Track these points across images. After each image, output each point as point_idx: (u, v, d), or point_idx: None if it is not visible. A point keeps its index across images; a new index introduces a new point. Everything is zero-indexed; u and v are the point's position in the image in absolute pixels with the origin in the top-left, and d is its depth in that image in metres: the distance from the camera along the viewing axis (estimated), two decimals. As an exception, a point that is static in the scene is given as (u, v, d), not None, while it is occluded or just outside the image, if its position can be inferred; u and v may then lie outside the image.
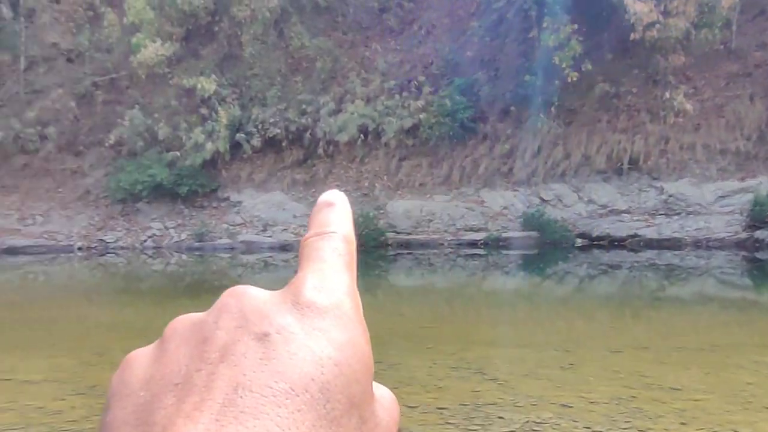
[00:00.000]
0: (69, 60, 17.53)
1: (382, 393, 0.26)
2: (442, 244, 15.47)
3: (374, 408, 0.24)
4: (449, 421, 3.51)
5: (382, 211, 16.02)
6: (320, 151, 16.48)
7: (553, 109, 15.78)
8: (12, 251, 15.96)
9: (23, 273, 14.23)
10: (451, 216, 15.78)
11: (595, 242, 15.00)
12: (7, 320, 8.02)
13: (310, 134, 16.33)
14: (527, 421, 3.47)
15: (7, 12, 17.74)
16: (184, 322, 0.25)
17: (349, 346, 0.23)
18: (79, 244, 16.18)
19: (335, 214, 0.27)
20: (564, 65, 15.29)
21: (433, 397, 3.96)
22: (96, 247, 16.34)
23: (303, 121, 16.33)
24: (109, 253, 16.23)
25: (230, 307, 0.24)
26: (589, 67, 15.37)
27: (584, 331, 6.69)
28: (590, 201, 15.45)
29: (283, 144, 16.50)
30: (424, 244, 15.55)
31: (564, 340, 5.93)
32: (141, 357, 0.25)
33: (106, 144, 16.73)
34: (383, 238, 15.51)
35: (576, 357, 5.02)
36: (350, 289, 0.25)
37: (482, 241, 15.42)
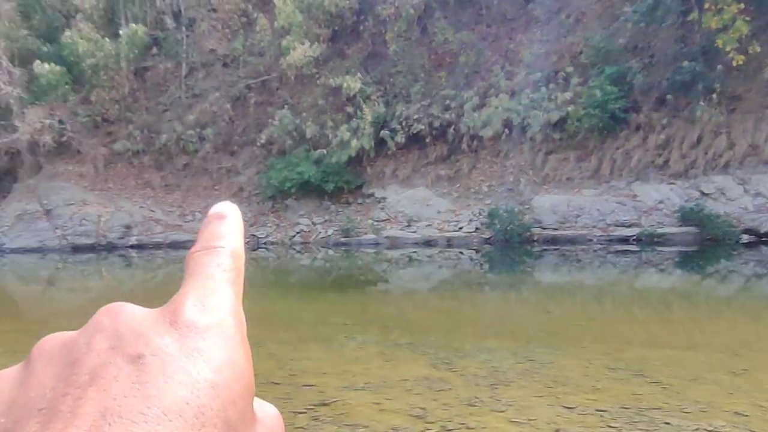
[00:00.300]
0: (225, 65, 23.82)
1: (266, 411, 0.33)
2: (591, 240, 18.59)
3: (255, 429, 0.30)
4: (610, 425, 3.90)
5: (527, 207, 20.24)
6: (464, 146, 21.17)
7: (714, 95, 19.03)
8: (175, 245, 22.13)
9: (182, 267, 20.31)
10: (600, 211, 19.60)
11: (763, 239, 17.21)
12: None
13: (454, 129, 21.09)
14: (697, 429, 3.78)
15: (170, 22, 24.56)
16: (54, 341, 0.30)
17: (227, 367, 0.29)
18: (235, 238, 22.18)
19: (225, 228, 0.34)
20: (728, 48, 18.39)
21: (591, 399, 4.45)
22: (248, 242, 22.10)
23: (447, 116, 21.12)
24: (260, 247, 21.82)
25: (104, 327, 0.29)
26: (757, 49, 18.20)
27: (753, 333, 7.21)
28: (758, 194, 18.33)
29: (427, 140, 21.40)
30: (571, 240, 19.17)
31: (730, 342, 6.50)
32: (4, 379, 0.28)
33: (258, 143, 22.59)
34: (528, 233, 19.48)
35: (748, 362, 5.49)
36: (234, 308, 0.31)
37: (634, 237, 18.53)
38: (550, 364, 5.66)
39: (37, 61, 22.90)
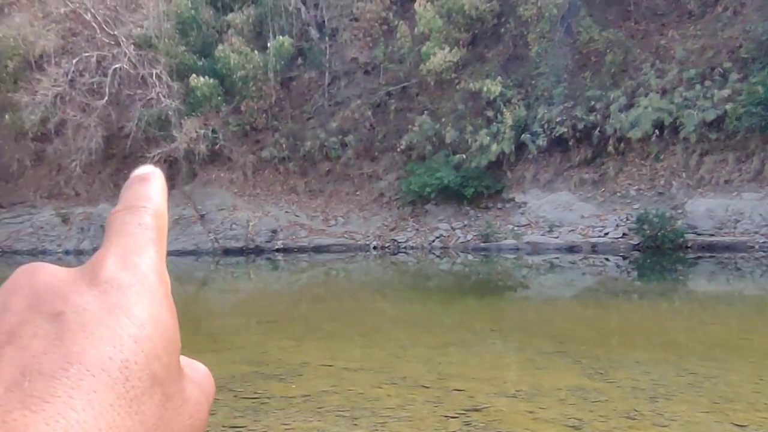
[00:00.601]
0: (366, 72, 26.81)
1: (195, 368, 0.36)
2: (753, 247, 18.92)
3: (182, 384, 0.32)
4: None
5: (680, 211, 21.12)
6: (610, 148, 22.44)
7: None
8: (318, 249, 25.07)
9: (327, 269, 22.52)
10: (763, 216, 20.05)
11: None
12: (317, 312, 12.12)
13: (599, 131, 22.43)
14: None
15: (314, 33, 28.06)
16: None
17: (151, 322, 0.31)
18: (375, 243, 24.76)
19: (147, 189, 0.37)
20: None
21: (765, 417, 4.46)
22: (389, 246, 24.66)
23: (591, 118, 22.53)
24: (400, 252, 24.18)
25: (21, 287, 0.32)
26: None
27: None
28: None
29: (570, 143, 22.89)
30: (729, 247, 19.59)
31: None
32: None
33: (398, 149, 25.20)
34: (681, 239, 20.17)
35: None
36: (156, 265, 0.34)
37: (802, 244, 19.41)
38: (714, 378, 5.73)
39: (193, 75, 26.97)
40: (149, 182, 0.37)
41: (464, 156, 23.72)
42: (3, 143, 30.45)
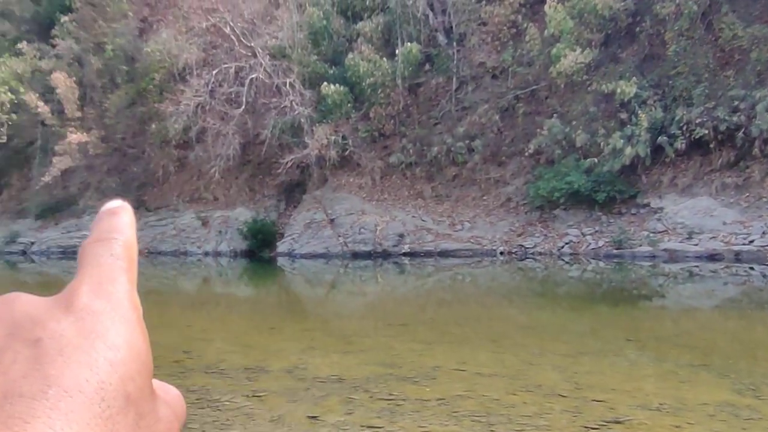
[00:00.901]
0: (494, 76, 26.85)
1: (168, 390, 0.38)
2: None
3: (154, 405, 0.35)
4: None
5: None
6: (755, 151, 21.15)
7: None
8: (444, 254, 25.34)
9: (453, 274, 22.70)
10: None
11: None
12: (444, 316, 12.37)
13: (744, 133, 21.22)
14: None
15: (442, 39, 28.44)
16: None
17: (124, 347, 0.34)
18: (501, 248, 24.68)
19: (117, 222, 0.40)
20: None
21: None
22: (516, 252, 24.50)
23: (735, 119, 21.37)
24: (527, 257, 24.02)
25: (0, 317, 0.34)
26: None
27: None
28: None
29: (711, 145, 21.81)
30: None
31: None
32: None
33: (526, 153, 25.02)
34: None
35: None
36: (128, 292, 0.37)
37: None
38: None
39: (325, 83, 27.97)
40: (119, 216, 0.41)
41: (596, 160, 23.20)
42: (150, 151, 32.82)
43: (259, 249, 28.14)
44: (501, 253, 24.18)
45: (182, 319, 12.52)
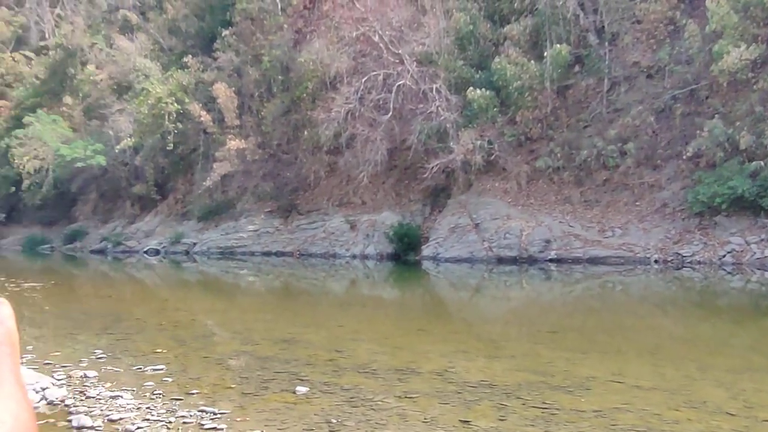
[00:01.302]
0: (649, 76, 25.64)
1: None
2: None
3: None
4: None
5: None
6: None
7: None
8: (594, 261, 24.52)
9: (602, 282, 21.91)
10: None
11: None
12: (593, 325, 11.73)
13: None
14: None
15: (593, 39, 27.60)
16: None
17: (11, 419, 0.42)
18: (655, 256, 23.52)
19: None
20: None
21: None
22: (672, 260, 23.26)
23: None
24: (685, 266, 22.71)
25: None
26: None
27: None
28: None
29: None
30: None
31: None
32: None
33: (684, 156, 23.63)
34: None
35: None
36: (12, 373, 0.45)
37: None
38: None
39: (471, 88, 27.97)
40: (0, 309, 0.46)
41: (762, 163, 21.64)
42: (302, 156, 34.26)
43: (405, 252, 28.58)
44: (655, 261, 23.12)
45: (333, 320, 12.99)
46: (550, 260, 24.67)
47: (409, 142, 29.23)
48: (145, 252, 37.94)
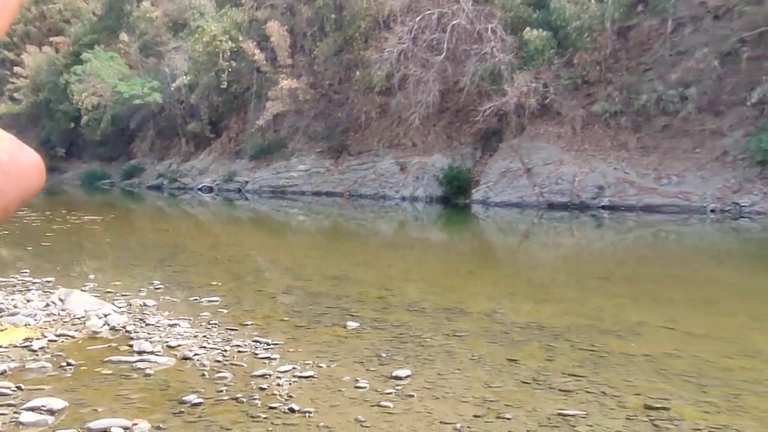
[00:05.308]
0: (716, 17, 24.42)
1: (18, 155, 0.37)
2: None
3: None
4: None
5: None
6: None
7: None
8: (648, 209, 24.00)
9: (656, 230, 21.43)
10: None
11: None
12: (646, 273, 11.70)
13: None
14: None
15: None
16: None
17: None
18: (713, 206, 22.90)
19: None
20: None
21: None
22: (730, 210, 22.62)
23: None
24: (743, 216, 22.05)
25: None
26: None
27: None
28: None
29: None
30: None
31: None
32: None
33: (749, 103, 22.68)
34: None
35: None
36: None
37: None
38: None
39: (527, 29, 27.22)
40: None
41: (832, 111, 20.61)
42: (353, 97, 34.08)
43: (454, 195, 28.46)
44: (712, 210, 22.54)
45: (382, 259, 13.09)
46: (603, 207, 24.29)
47: (461, 84, 28.75)
48: (199, 189, 38.65)
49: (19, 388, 4.52)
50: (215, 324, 6.51)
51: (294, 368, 4.88)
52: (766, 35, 23.29)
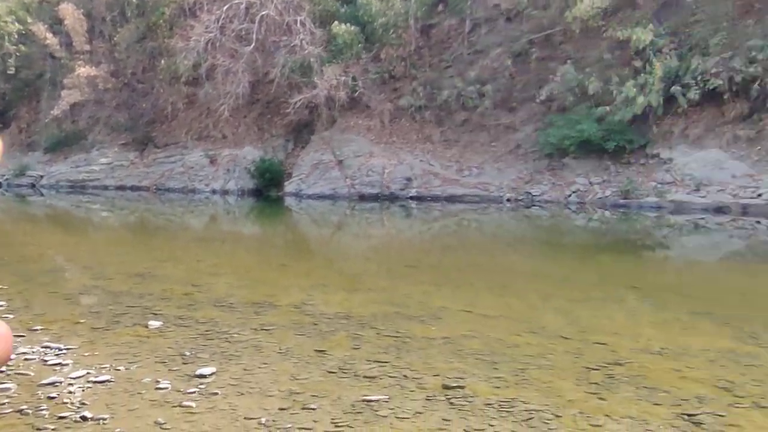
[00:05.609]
0: (508, 19, 26.15)
1: None
2: None
3: None
4: None
5: None
6: (770, 103, 20.99)
7: None
8: (451, 199, 25.27)
9: (459, 219, 22.65)
10: None
11: None
12: (449, 261, 12.30)
13: (759, 85, 20.79)
14: None
15: (458, -20, 28.05)
16: None
17: None
18: (508, 195, 24.62)
19: None
20: None
21: None
22: (523, 199, 24.41)
23: (751, 70, 20.92)
24: (534, 205, 23.89)
25: None
26: None
27: None
28: None
29: (725, 97, 21.36)
30: None
31: None
32: None
33: (538, 100, 24.67)
34: None
35: None
36: None
37: None
38: None
39: (336, 22, 27.56)
40: None
41: (608, 108, 22.99)
42: (159, 87, 32.62)
43: (267, 188, 28.23)
44: (508, 200, 24.16)
45: (191, 255, 12.65)
46: (411, 198, 25.19)
47: (272, 76, 28.53)
48: (-16, 185, 35.12)
49: None
50: (-2, 332, 5.91)
51: (88, 373, 4.56)
52: (552, 37, 25.42)
